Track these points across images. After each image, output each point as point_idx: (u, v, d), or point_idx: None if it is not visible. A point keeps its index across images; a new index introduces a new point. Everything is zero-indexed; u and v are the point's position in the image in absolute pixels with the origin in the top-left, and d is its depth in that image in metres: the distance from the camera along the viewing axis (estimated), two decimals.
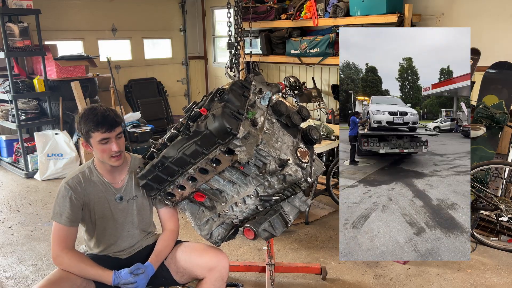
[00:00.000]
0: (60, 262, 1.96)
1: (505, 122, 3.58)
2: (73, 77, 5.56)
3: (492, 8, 4.21)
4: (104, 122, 1.89)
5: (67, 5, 6.20)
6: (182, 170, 1.83)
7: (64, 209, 1.97)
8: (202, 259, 2.03)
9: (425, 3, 4.63)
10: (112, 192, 2.07)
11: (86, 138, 1.95)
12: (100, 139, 1.91)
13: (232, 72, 3.41)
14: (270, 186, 1.81)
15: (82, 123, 1.92)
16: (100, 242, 2.12)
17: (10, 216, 4.14)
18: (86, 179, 2.03)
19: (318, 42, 5.12)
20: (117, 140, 1.95)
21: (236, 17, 3.43)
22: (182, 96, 7.87)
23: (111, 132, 1.91)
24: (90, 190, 2.04)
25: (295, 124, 1.95)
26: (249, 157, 1.65)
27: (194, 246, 2.12)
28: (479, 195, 3.32)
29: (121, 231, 2.12)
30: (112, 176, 2.08)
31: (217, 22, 7.58)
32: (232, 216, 1.96)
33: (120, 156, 1.99)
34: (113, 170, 2.07)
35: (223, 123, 1.61)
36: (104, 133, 1.90)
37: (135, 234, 2.16)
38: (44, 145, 5.20)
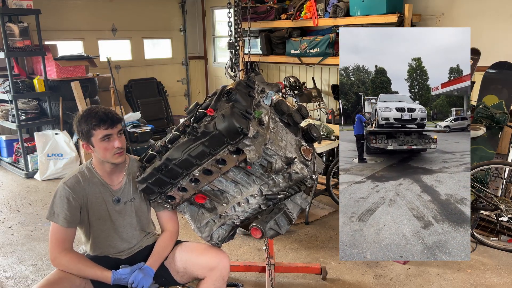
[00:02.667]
0: (58, 263, 1.96)
1: (505, 122, 3.58)
2: (73, 77, 5.56)
3: (492, 8, 4.22)
4: (106, 119, 1.91)
5: (67, 5, 6.20)
6: (186, 172, 1.82)
7: (62, 210, 1.96)
8: (203, 258, 2.03)
9: (425, 3, 4.63)
10: (110, 194, 2.07)
11: (87, 138, 1.94)
12: (102, 135, 1.92)
13: (233, 72, 3.41)
14: (275, 185, 1.81)
15: (82, 123, 1.92)
16: (97, 245, 2.11)
17: (10, 216, 4.14)
18: (85, 179, 2.03)
19: (318, 42, 5.12)
20: (119, 137, 1.97)
21: (236, 17, 3.43)
22: (182, 96, 7.87)
23: (113, 128, 1.93)
24: (89, 190, 2.03)
25: (296, 122, 1.95)
26: (258, 156, 1.65)
27: (194, 246, 2.12)
28: (479, 195, 3.32)
29: (119, 233, 2.11)
30: (110, 178, 2.07)
31: (217, 22, 7.58)
32: (234, 216, 1.96)
33: (123, 152, 2.00)
34: (112, 171, 2.06)
35: (234, 123, 1.61)
36: (106, 129, 1.92)
37: (134, 235, 2.15)
38: (44, 145, 5.20)
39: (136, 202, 2.12)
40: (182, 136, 1.84)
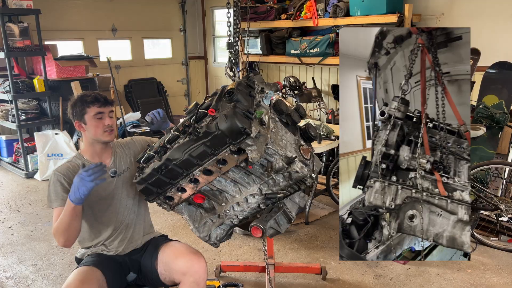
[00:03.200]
0: (55, 229, 1.94)
1: (505, 122, 3.58)
2: (73, 77, 5.56)
3: (492, 8, 4.21)
4: (100, 98, 2.06)
5: (67, 5, 6.20)
6: (186, 173, 1.82)
7: (59, 193, 1.99)
8: (177, 262, 2.04)
9: (425, 3, 4.63)
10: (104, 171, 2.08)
11: (81, 116, 2.05)
12: (95, 112, 2.03)
13: (232, 72, 3.41)
14: (275, 184, 1.81)
15: (78, 102, 2.06)
16: (100, 226, 2.12)
17: (10, 216, 4.15)
18: (75, 165, 2.07)
19: (318, 42, 5.12)
20: (110, 117, 2.09)
21: (235, 17, 3.43)
22: (182, 96, 7.87)
23: (106, 107, 2.06)
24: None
25: (295, 122, 1.96)
26: (260, 156, 1.66)
27: (173, 249, 2.12)
28: (479, 195, 3.32)
29: (119, 206, 2.14)
30: (100, 159, 2.12)
31: (217, 22, 7.59)
32: (233, 216, 1.97)
33: (112, 131, 2.09)
34: (101, 152, 2.13)
35: (236, 123, 1.61)
36: (100, 107, 2.04)
37: (128, 204, 2.17)
38: (44, 145, 5.20)
39: (131, 171, 2.18)
40: (181, 136, 1.84)
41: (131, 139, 2.31)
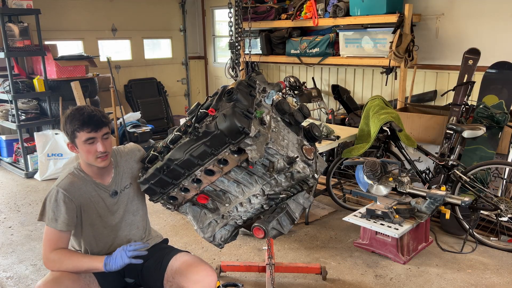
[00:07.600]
0: (52, 261, 1.90)
1: (505, 122, 3.58)
2: (73, 77, 5.56)
3: (492, 8, 4.22)
4: (90, 122, 1.86)
5: (67, 5, 6.20)
6: (188, 172, 1.82)
7: (59, 213, 1.91)
8: (190, 270, 1.98)
9: (425, 3, 4.63)
10: (105, 190, 2.04)
11: (72, 139, 1.92)
12: (85, 138, 1.88)
13: (233, 72, 3.41)
14: (277, 184, 1.81)
15: (68, 123, 1.89)
16: (98, 243, 2.07)
17: (10, 216, 4.14)
18: (78, 179, 1.99)
19: (318, 42, 5.12)
20: (103, 141, 1.92)
21: (236, 17, 3.43)
22: (182, 96, 7.87)
23: (97, 132, 1.89)
24: (84, 189, 1.99)
25: (298, 122, 1.95)
26: (260, 155, 1.65)
27: (186, 258, 2.05)
28: (479, 195, 3.32)
29: (119, 226, 2.08)
30: (100, 177, 2.04)
31: (217, 22, 7.58)
32: (237, 216, 1.96)
33: (107, 156, 1.95)
34: (101, 171, 2.03)
35: (235, 122, 1.61)
36: (89, 132, 1.87)
37: (134, 221, 2.13)
38: (44, 145, 5.19)
39: (133, 186, 2.10)
40: (183, 136, 1.84)
41: (135, 146, 2.19)
